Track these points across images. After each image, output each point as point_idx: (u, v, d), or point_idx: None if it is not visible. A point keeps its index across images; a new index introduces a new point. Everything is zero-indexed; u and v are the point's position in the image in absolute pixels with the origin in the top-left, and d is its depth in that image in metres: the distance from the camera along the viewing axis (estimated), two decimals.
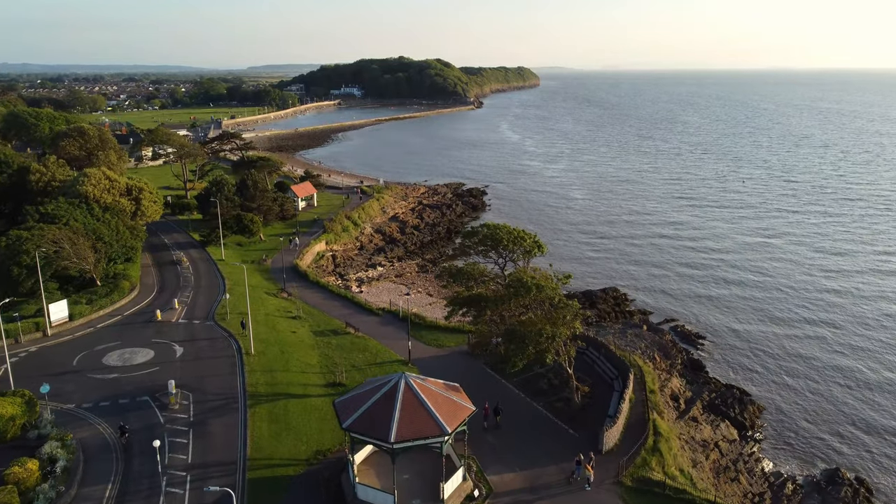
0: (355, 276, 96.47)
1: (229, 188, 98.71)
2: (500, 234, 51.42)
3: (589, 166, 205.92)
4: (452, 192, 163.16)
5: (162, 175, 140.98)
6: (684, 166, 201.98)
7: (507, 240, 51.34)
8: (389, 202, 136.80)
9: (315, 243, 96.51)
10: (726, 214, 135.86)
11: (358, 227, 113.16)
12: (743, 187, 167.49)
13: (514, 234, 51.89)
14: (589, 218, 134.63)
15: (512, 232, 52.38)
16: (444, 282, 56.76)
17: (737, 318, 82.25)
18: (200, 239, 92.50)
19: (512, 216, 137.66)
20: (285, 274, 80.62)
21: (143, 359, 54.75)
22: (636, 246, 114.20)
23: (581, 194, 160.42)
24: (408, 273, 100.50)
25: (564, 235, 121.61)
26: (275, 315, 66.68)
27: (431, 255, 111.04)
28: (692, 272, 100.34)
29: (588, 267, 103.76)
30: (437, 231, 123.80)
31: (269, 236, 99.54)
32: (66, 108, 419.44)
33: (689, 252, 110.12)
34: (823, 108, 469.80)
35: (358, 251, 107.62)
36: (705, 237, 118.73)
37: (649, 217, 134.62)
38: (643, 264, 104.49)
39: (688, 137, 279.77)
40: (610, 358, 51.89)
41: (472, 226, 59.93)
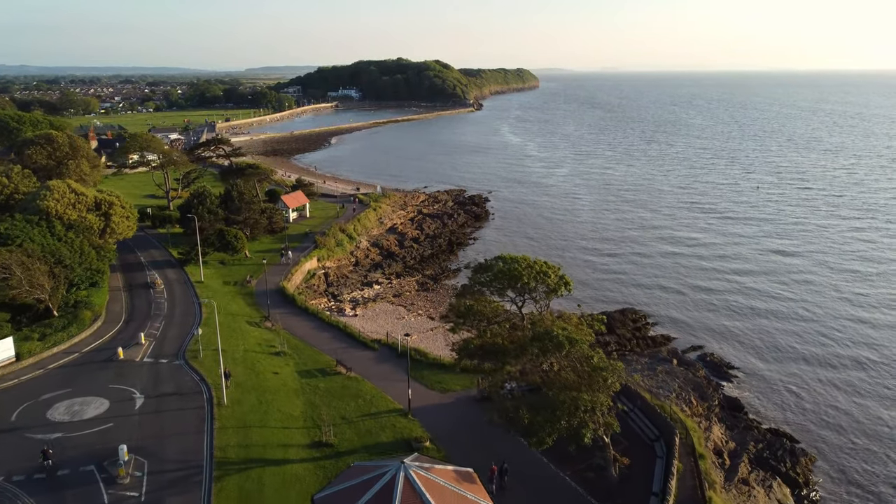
0: (350, 296, 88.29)
1: (212, 200, 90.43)
2: (518, 269, 42.62)
3: (594, 171, 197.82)
4: (453, 199, 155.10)
5: (149, 182, 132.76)
6: (693, 172, 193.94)
7: (527, 276, 42.65)
8: (387, 212, 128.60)
9: (305, 261, 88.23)
10: (743, 226, 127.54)
11: (353, 241, 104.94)
12: (757, 194, 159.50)
13: (536, 269, 43.10)
14: (598, 228, 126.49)
15: (533, 266, 43.50)
16: (451, 322, 48.16)
17: (764, 344, 74.58)
18: (179, 256, 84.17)
19: (517, 227, 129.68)
20: (270, 299, 72.31)
21: (96, 411, 46.42)
22: (650, 260, 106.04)
23: (588, 202, 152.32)
24: (407, 292, 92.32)
25: (573, 248, 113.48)
26: (255, 351, 58.38)
27: (432, 271, 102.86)
28: (712, 291, 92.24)
29: (600, 284, 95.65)
30: (437, 243, 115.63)
31: (256, 252, 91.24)
32: (58, 110, 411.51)
33: (707, 268, 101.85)
34: (827, 109, 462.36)
35: (353, 267, 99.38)
36: (723, 251, 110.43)
37: (661, 228, 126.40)
38: (659, 281, 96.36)
39: (694, 141, 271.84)
40: (649, 413, 43.76)
41: (484, 259, 51.61)
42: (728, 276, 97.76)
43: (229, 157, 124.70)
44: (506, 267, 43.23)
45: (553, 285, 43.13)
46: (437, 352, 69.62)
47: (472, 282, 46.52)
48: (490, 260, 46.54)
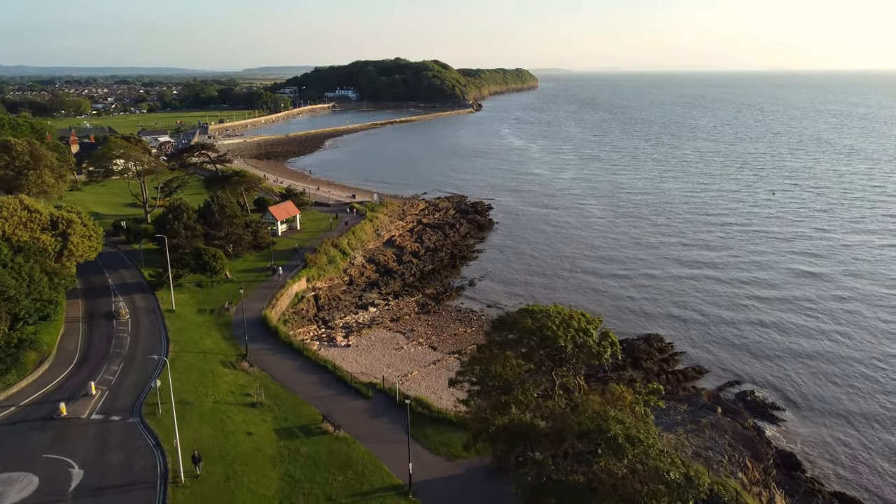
0: (342, 321, 79.28)
1: (189, 214, 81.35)
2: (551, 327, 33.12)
3: (599, 176, 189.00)
4: (455, 207, 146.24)
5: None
6: (703, 176, 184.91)
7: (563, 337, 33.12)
8: (384, 222, 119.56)
9: (293, 282, 79.09)
10: (763, 239, 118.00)
11: (347, 257, 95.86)
12: (772, 202, 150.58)
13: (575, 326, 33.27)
14: (608, 242, 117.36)
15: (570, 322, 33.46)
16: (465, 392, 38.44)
17: (802, 377, 66.29)
18: (151, 279, 75.02)
19: (522, 238, 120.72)
20: (250, 331, 63.04)
21: (20, 495, 37.41)
22: (666, 279, 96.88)
23: (596, 211, 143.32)
24: (406, 315, 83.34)
25: (584, 264, 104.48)
26: (227, 402, 49.33)
27: (433, 289, 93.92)
28: (737, 314, 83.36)
29: (615, 305, 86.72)
30: (439, 257, 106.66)
31: (239, 273, 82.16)
32: (49, 111, 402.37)
33: (728, 289, 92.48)
34: (832, 110, 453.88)
35: (346, 287, 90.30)
36: (744, 269, 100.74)
37: (675, 242, 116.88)
38: (678, 303, 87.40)
39: (701, 143, 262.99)
40: None
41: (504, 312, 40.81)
42: (751, 298, 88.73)
43: (215, 163, 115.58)
44: (535, 324, 33.67)
45: (596, 349, 33.76)
46: (440, 393, 60.82)
47: (490, 340, 36.97)
48: (513, 313, 36.98)
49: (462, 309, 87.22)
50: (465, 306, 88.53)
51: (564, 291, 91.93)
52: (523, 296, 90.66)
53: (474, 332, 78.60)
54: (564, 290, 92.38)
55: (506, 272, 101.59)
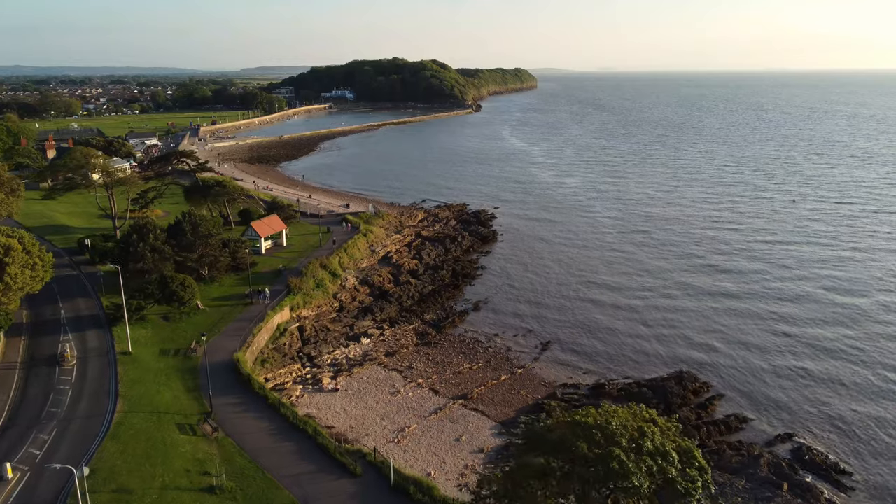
0: (330, 356, 69.51)
1: (156, 234, 71.43)
2: (618, 454, 22.02)
3: (606, 181, 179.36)
4: (456, 216, 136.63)
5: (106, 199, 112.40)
6: (716, 183, 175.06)
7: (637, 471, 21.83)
8: (380, 237, 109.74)
9: (274, 313, 69.15)
10: (790, 254, 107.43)
11: (337, 279, 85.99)
12: (794, 210, 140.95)
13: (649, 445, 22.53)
14: (621, 257, 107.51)
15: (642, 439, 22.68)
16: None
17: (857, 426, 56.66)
18: (109, 311, 65.08)
19: (529, 252, 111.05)
20: (220, 380, 53.37)
21: None
22: (687, 301, 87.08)
23: (605, 220, 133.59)
24: (403, 348, 73.63)
25: (598, 283, 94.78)
26: (179, 487, 39.55)
27: (434, 315, 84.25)
28: (770, 342, 74.02)
29: (636, 336, 77.05)
30: (439, 276, 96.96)
31: (213, 301, 72.29)
32: (38, 113, 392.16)
33: (758, 313, 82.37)
34: (837, 110, 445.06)
35: (336, 314, 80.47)
36: (774, 288, 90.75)
37: (694, 257, 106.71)
38: (704, 330, 77.69)
39: (710, 146, 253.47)
40: None
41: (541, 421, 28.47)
42: (785, 324, 78.96)
43: (195, 172, 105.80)
44: (594, 450, 22.48)
45: (683, 486, 23.08)
46: (443, 455, 51.25)
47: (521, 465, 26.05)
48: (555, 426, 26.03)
49: (466, 339, 77.65)
50: (469, 335, 78.97)
51: (577, 319, 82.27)
52: (533, 324, 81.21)
53: (480, 369, 69.08)
54: (577, 316, 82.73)
55: (512, 294, 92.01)
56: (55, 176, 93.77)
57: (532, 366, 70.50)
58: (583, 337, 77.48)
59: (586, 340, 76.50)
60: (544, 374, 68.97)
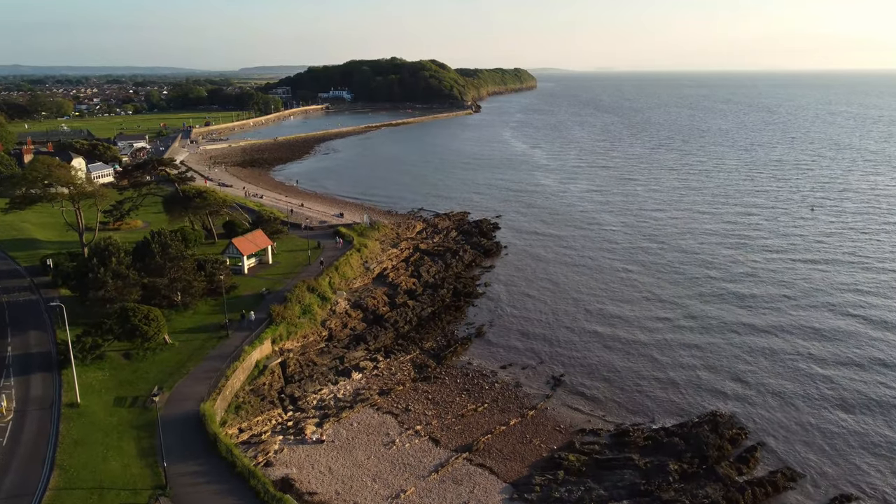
0: (316, 396, 61.41)
1: (120, 257, 63.22)
2: None
3: (612, 188, 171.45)
4: (456, 226, 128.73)
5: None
6: (727, 188, 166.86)
7: None
8: (375, 252, 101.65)
9: (252, 349, 60.94)
10: (816, 272, 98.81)
11: (326, 303, 77.83)
12: (813, 220, 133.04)
13: None
14: (633, 273, 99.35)
15: None
16: None
17: None
18: (63, 348, 56.87)
19: (535, 268, 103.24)
20: (182, 439, 45.18)
21: None
22: (715, 329, 78.76)
23: (614, 231, 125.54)
24: (399, 385, 65.59)
25: (611, 305, 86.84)
26: None
27: (433, 342, 76.30)
28: (812, 380, 65.91)
29: (661, 369, 69.13)
30: (439, 296, 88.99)
31: (185, 334, 64.10)
32: (29, 114, 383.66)
33: (794, 346, 74.28)
34: (841, 111, 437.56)
35: (325, 345, 72.30)
36: (807, 320, 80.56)
37: (712, 276, 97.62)
38: (738, 364, 69.67)
39: (717, 149, 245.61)
40: None
41: None
42: (818, 359, 70.71)
43: (174, 181, 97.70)
44: None
45: None
46: None
47: None
48: None
49: (469, 372, 69.71)
50: (472, 366, 71.05)
51: (591, 349, 74.26)
52: (542, 354, 73.47)
53: (486, 411, 61.11)
54: (590, 346, 74.71)
55: (518, 317, 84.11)
56: (8, 190, 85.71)
57: (544, 406, 62.57)
58: (598, 370, 69.60)
59: (602, 374, 68.59)
60: (558, 416, 61.05)
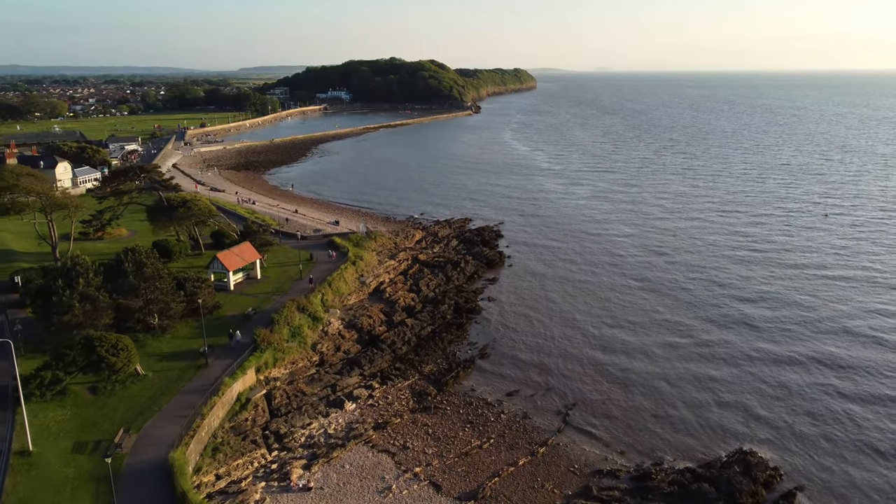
0: (305, 433, 55.55)
1: (89, 277, 57.35)
2: None
3: (617, 190, 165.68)
4: (457, 234, 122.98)
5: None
6: (736, 193, 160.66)
7: None
8: (371, 265, 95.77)
9: (233, 380, 54.94)
10: (837, 286, 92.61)
11: (318, 324, 71.95)
12: (829, 227, 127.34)
13: None
14: (646, 290, 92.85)
15: None
16: None
17: None
18: (22, 378, 50.90)
19: (541, 280, 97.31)
20: (147, 498, 39.32)
21: None
22: (736, 354, 72.82)
23: (622, 239, 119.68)
24: (396, 415, 59.83)
25: (625, 324, 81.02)
26: None
27: (433, 366, 70.52)
28: (848, 414, 60.17)
29: (680, 398, 63.32)
30: (440, 312, 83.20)
31: (161, 362, 58.20)
32: (22, 115, 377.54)
33: (824, 375, 68.41)
34: (844, 112, 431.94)
35: (315, 371, 66.44)
36: (835, 344, 74.91)
37: (729, 294, 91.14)
38: (763, 393, 63.86)
39: (723, 151, 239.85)
40: None
41: None
42: (852, 392, 65.11)
43: (157, 190, 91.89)
44: None
45: None
46: None
47: None
48: None
49: (472, 400, 63.96)
50: (476, 393, 65.35)
51: (603, 373, 68.44)
52: (550, 378, 67.80)
53: (492, 448, 55.33)
54: (602, 370, 68.89)
55: (523, 336, 78.37)
56: None
57: (556, 441, 56.79)
58: (610, 398, 63.79)
59: (615, 404, 62.79)
60: (571, 453, 55.25)
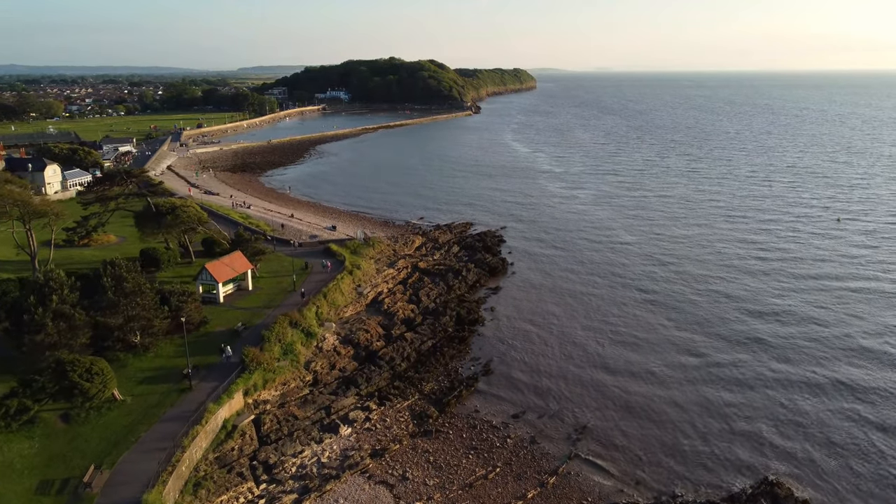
0: (296, 462, 51.46)
1: (64, 294, 53.23)
2: None
3: (623, 196, 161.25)
4: (458, 240, 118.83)
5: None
6: (744, 197, 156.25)
7: None
8: (369, 274, 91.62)
9: (217, 406, 50.78)
10: (856, 298, 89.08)
11: (312, 340, 67.80)
12: (843, 233, 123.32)
13: None
14: (656, 302, 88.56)
15: None
16: None
17: None
18: None
19: (547, 290, 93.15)
20: None
21: None
22: (755, 373, 69.11)
23: (628, 246, 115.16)
24: (395, 440, 55.76)
25: (635, 339, 76.91)
26: None
27: (434, 384, 66.50)
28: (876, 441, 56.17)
29: (697, 421, 59.25)
30: (441, 324, 79.14)
31: (141, 384, 54.12)
32: (17, 115, 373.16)
33: (847, 400, 64.96)
34: (847, 112, 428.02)
35: (309, 392, 62.28)
36: (858, 365, 71.88)
37: (733, 294, 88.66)
38: (782, 417, 59.80)
39: (728, 153, 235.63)
40: None
41: None
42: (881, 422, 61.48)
43: (143, 195, 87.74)
44: None
45: None
46: None
47: None
48: None
49: (476, 423, 59.88)
50: (480, 415, 61.30)
51: (613, 392, 64.35)
52: (559, 399, 63.62)
53: (499, 479, 51.30)
54: (613, 389, 64.80)
55: (528, 351, 74.25)
56: None
57: (566, 469, 52.73)
58: (625, 422, 59.69)
59: (631, 427, 58.70)
60: (584, 483, 51.22)
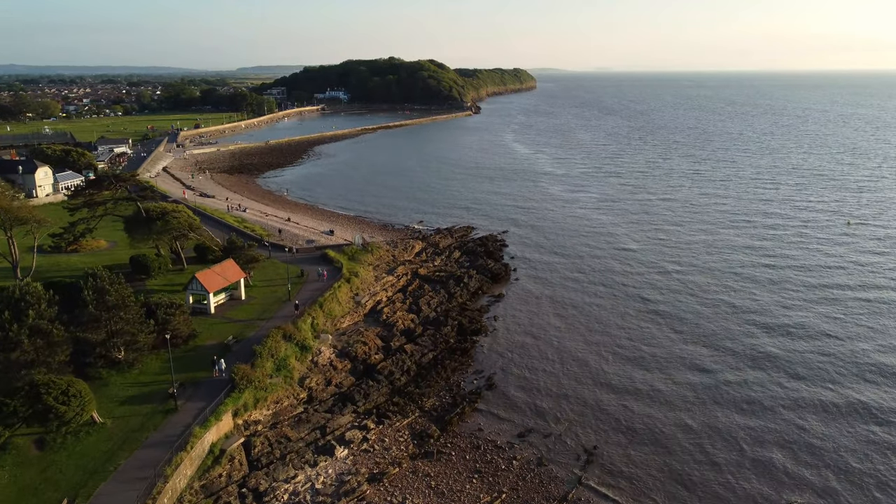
0: (288, 489, 48.17)
1: (42, 309, 49.93)
2: None
3: (627, 198, 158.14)
4: (459, 245, 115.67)
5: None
6: (752, 201, 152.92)
7: None
8: (368, 281, 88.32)
9: (204, 430, 47.50)
10: (872, 309, 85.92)
11: (307, 354, 64.54)
12: (854, 237, 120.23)
13: None
14: (663, 311, 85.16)
15: None
16: None
17: None
18: None
19: (552, 298, 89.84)
20: None
21: None
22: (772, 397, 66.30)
23: (633, 252, 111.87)
24: (394, 463, 52.53)
25: (642, 354, 73.69)
26: None
27: (436, 400, 63.33)
28: None
29: (714, 445, 55.97)
30: (442, 335, 75.93)
31: (124, 404, 50.89)
32: (13, 115, 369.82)
33: (867, 423, 62.14)
34: (848, 113, 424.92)
35: (303, 409, 59.04)
36: (880, 385, 69.84)
37: (742, 305, 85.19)
38: (801, 440, 56.57)
39: (732, 155, 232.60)
40: None
41: None
42: None
43: (133, 199, 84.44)
44: None
45: None
46: None
47: None
48: None
49: (480, 443, 56.64)
50: (484, 433, 58.06)
51: (623, 410, 61.09)
52: (568, 417, 60.27)
53: None
54: (623, 407, 61.54)
55: (533, 364, 70.92)
56: None
57: (577, 496, 49.50)
58: (636, 443, 56.37)
59: (642, 449, 55.40)
60: None
